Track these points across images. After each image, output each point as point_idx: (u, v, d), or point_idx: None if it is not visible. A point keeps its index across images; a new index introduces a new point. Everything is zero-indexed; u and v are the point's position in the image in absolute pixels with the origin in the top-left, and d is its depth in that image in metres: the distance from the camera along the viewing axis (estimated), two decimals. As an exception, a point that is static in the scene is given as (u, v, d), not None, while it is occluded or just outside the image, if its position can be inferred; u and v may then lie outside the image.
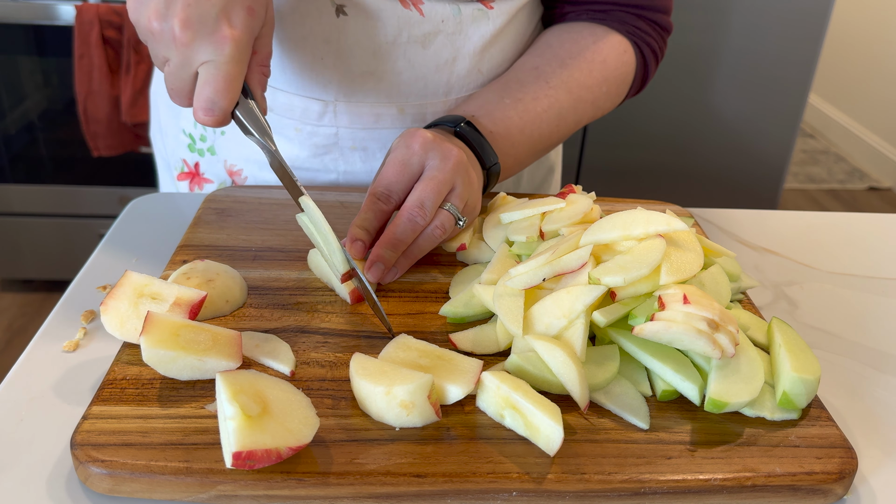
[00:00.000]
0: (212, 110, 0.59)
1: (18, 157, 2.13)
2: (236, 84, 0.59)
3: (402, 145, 0.66)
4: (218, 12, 0.58)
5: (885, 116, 3.42)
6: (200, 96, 0.59)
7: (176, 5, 0.57)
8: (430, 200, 0.64)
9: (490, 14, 0.77)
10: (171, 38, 0.58)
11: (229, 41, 0.58)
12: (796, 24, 1.93)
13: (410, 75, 0.77)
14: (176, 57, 0.59)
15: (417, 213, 0.64)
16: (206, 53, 0.58)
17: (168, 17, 0.57)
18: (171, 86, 0.61)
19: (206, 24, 0.57)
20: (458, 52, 0.78)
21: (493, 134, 0.73)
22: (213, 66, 0.58)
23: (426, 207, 0.64)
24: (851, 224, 0.87)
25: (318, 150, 0.82)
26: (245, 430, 0.44)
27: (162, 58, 0.60)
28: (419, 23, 0.75)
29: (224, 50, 0.58)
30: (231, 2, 0.59)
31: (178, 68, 0.59)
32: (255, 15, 0.60)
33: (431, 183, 0.64)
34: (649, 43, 0.84)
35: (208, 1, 0.58)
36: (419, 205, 0.64)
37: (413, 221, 0.64)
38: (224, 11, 0.58)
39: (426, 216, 0.64)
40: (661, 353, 0.54)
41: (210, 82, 0.58)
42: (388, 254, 0.63)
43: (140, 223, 0.77)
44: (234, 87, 0.59)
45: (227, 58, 0.58)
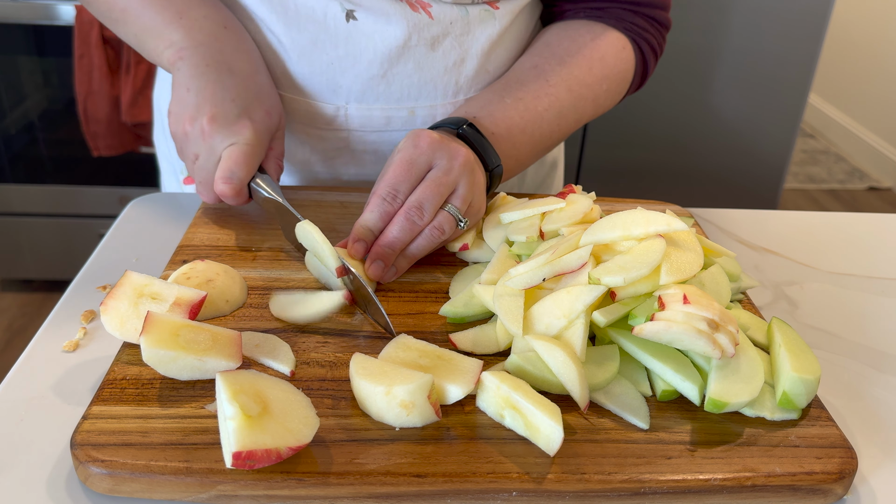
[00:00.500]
0: (230, 179, 0.66)
1: (18, 157, 2.13)
2: (254, 160, 0.67)
3: (409, 145, 0.66)
4: (240, 111, 0.69)
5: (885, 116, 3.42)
6: (221, 169, 0.66)
7: (204, 108, 0.68)
8: (430, 202, 0.64)
9: (496, 14, 0.77)
10: (199, 134, 0.68)
11: (249, 129, 0.68)
12: (796, 24, 1.93)
13: (420, 78, 0.78)
14: (204, 149, 0.68)
15: (416, 213, 0.64)
16: (229, 139, 0.67)
17: (198, 117, 0.68)
18: (199, 179, 0.69)
19: (229, 118, 0.68)
20: (466, 53, 0.78)
21: (495, 135, 0.73)
22: (234, 146, 0.67)
23: (425, 208, 0.64)
24: (851, 224, 0.87)
25: (330, 154, 0.82)
26: (245, 430, 0.44)
27: (192, 155, 0.69)
28: (428, 25, 0.75)
29: (244, 134, 0.67)
30: (251, 104, 0.70)
31: (205, 159, 0.68)
32: (272, 116, 0.72)
33: (433, 184, 0.65)
34: (648, 39, 0.84)
35: (231, 102, 0.69)
36: (418, 206, 0.64)
37: (411, 221, 0.64)
38: (245, 110, 0.69)
39: (424, 217, 0.64)
40: (661, 353, 0.54)
41: (229, 157, 0.67)
42: (385, 252, 0.63)
43: (140, 223, 0.77)
44: (252, 161, 0.67)
45: (246, 139, 0.67)
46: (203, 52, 0.71)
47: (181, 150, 0.70)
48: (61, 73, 2.04)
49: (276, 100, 0.74)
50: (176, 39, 0.72)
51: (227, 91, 0.69)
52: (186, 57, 0.71)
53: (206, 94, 0.68)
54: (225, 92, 0.69)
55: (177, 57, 0.71)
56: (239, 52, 0.73)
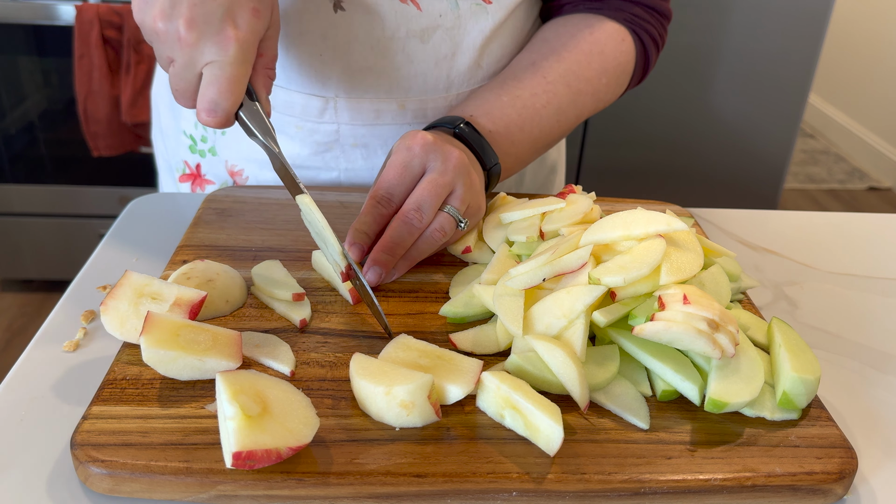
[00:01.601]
0: (214, 111, 0.59)
1: (18, 157, 2.13)
2: (240, 85, 0.59)
3: (402, 148, 0.66)
4: (223, 13, 0.58)
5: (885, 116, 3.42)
6: (204, 97, 0.59)
7: (181, 5, 0.58)
8: (428, 203, 0.64)
9: (489, 9, 0.77)
10: (175, 39, 0.58)
11: (233, 42, 0.58)
12: (796, 24, 1.93)
13: (410, 70, 0.77)
14: (181, 57, 0.59)
15: (414, 216, 0.63)
16: (211, 54, 0.58)
17: (173, 17, 0.58)
18: (176, 86, 0.61)
19: (210, 24, 0.58)
20: (457, 47, 0.77)
21: (493, 133, 0.73)
22: (216, 66, 0.58)
23: (423, 210, 0.64)
24: (851, 224, 0.87)
25: (320, 148, 0.82)
26: (245, 430, 0.44)
27: (167, 58, 0.61)
28: (417, 17, 0.74)
29: (228, 51, 0.58)
30: (236, 3, 0.59)
31: (183, 69, 0.59)
32: (261, 17, 0.61)
33: (430, 186, 0.64)
34: (648, 30, 0.83)
35: (214, 1, 0.58)
36: (416, 208, 0.64)
37: (409, 224, 0.63)
38: (229, 12, 0.59)
39: (423, 219, 0.64)
40: (661, 353, 0.54)
41: (213, 83, 0.58)
42: (384, 257, 0.63)
43: (140, 223, 0.77)
44: (238, 89, 0.59)
45: (231, 59, 0.58)
46: None
47: (152, 46, 0.62)
48: (61, 73, 2.04)
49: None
50: None
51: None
52: None
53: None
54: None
55: None
56: None
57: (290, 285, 0.61)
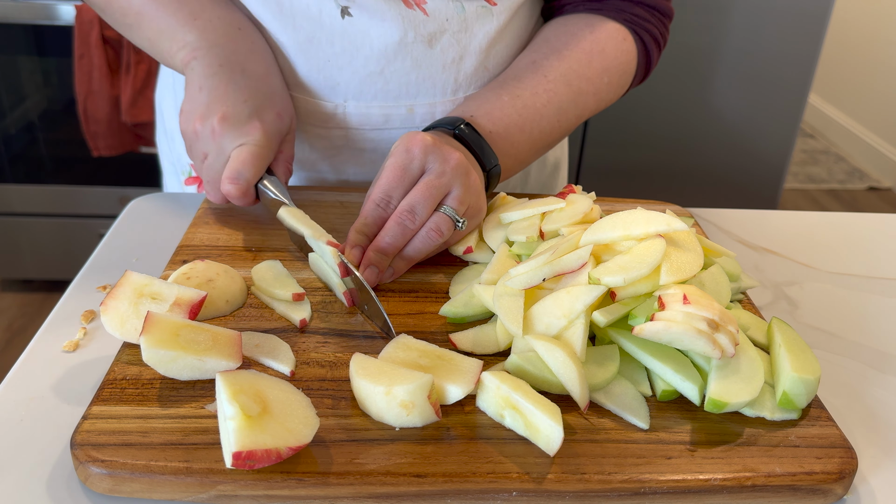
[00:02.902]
0: (237, 179, 0.66)
1: (18, 157, 2.13)
2: (262, 161, 0.67)
3: (401, 150, 0.65)
4: (251, 112, 0.69)
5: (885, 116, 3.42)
6: (228, 169, 0.66)
7: (216, 108, 0.68)
8: (422, 205, 0.64)
9: (494, 10, 0.77)
10: (210, 133, 0.68)
11: (259, 130, 0.68)
12: (796, 24, 1.93)
13: (418, 75, 0.77)
14: (213, 148, 0.68)
15: (407, 217, 0.63)
16: (239, 140, 0.67)
17: (208, 116, 0.68)
18: (208, 178, 0.69)
19: (240, 119, 0.68)
20: (464, 51, 0.78)
21: (493, 134, 0.73)
22: (243, 147, 0.67)
23: (416, 212, 0.64)
24: (851, 224, 0.87)
25: (329, 153, 0.82)
26: (245, 430, 0.44)
27: (201, 154, 0.69)
28: (424, 22, 0.75)
29: (255, 135, 0.67)
30: (262, 106, 0.70)
31: (214, 158, 0.68)
32: (283, 119, 0.72)
33: (424, 187, 0.64)
34: (649, 29, 0.82)
35: (243, 103, 0.69)
36: (409, 209, 0.64)
37: (402, 226, 0.63)
38: (256, 111, 0.69)
39: (416, 221, 0.64)
40: (661, 353, 0.54)
41: (238, 158, 0.66)
42: (377, 257, 0.63)
43: (140, 223, 0.77)
44: (260, 164, 0.67)
45: (255, 140, 0.67)
46: (217, 52, 0.71)
47: (190, 149, 0.70)
48: (61, 73, 2.04)
49: (288, 103, 0.74)
50: (190, 40, 0.72)
51: (239, 91, 0.69)
52: (200, 57, 0.71)
53: (219, 94, 0.69)
54: (237, 92, 0.69)
55: (191, 57, 0.72)
56: (253, 54, 0.73)
57: (290, 285, 0.61)
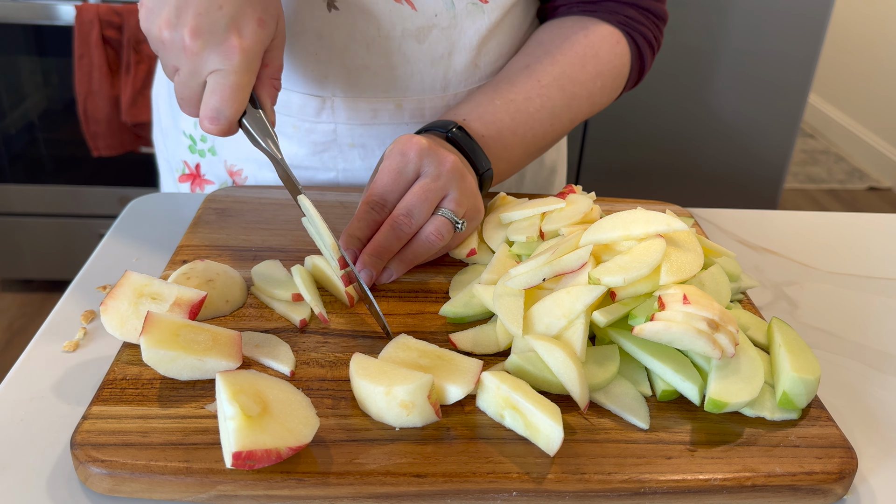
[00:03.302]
0: (217, 119, 0.59)
1: (18, 157, 2.13)
2: (243, 93, 0.60)
3: (397, 152, 0.65)
4: (227, 22, 0.59)
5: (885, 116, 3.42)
6: (207, 105, 0.59)
7: (186, 15, 0.58)
8: (418, 208, 0.63)
9: (485, 8, 0.77)
10: (180, 48, 0.59)
11: (237, 51, 0.59)
12: (796, 24, 1.93)
13: (406, 70, 0.77)
14: (185, 66, 0.59)
15: (403, 220, 0.63)
16: (214, 63, 0.59)
17: (178, 26, 0.58)
18: (181, 95, 0.62)
19: (215, 33, 0.58)
20: (453, 47, 0.77)
21: (485, 138, 0.72)
22: (220, 75, 0.59)
23: (413, 215, 0.63)
24: (851, 224, 0.87)
25: (317, 148, 0.82)
26: (245, 430, 0.44)
27: (172, 67, 0.61)
28: (412, 17, 0.74)
29: (232, 60, 0.59)
30: (241, 13, 0.60)
31: (188, 77, 0.60)
32: (266, 27, 0.61)
33: (421, 191, 0.64)
34: (643, 32, 0.82)
35: (219, 11, 0.59)
36: (405, 213, 0.63)
37: (398, 229, 0.63)
38: (234, 22, 0.59)
39: (412, 224, 0.63)
40: (661, 353, 0.54)
41: (216, 91, 0.59)
42: (372, 260, 0.62)
43: (140, 223, 0.77)
44: (241, 97, 0.60)
45: (234, 67, 0.59)
46: None
47: (157, 54, 0.63)
48: (61, 73, 2.04)
49: (271, 1, 0.63)
50: None
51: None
52: None
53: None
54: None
55: None
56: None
57: (290, 285, 0.61)
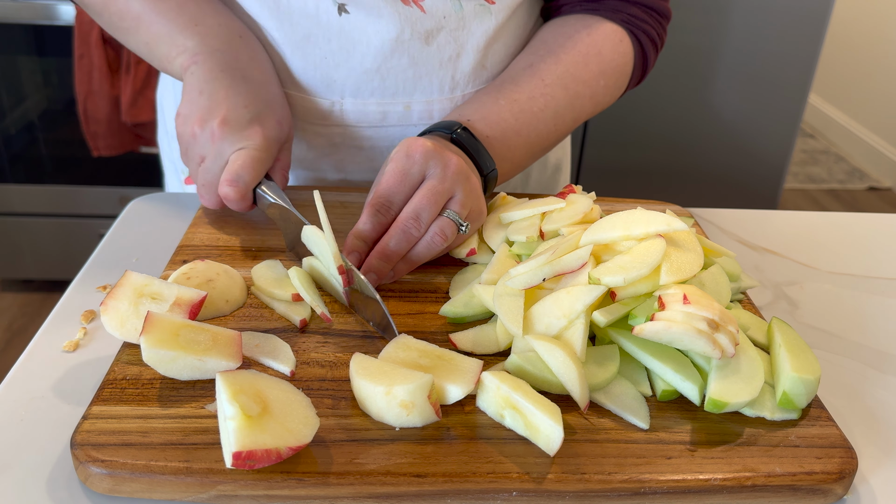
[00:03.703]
0: (236, 182, 0.66)
1: (18, 157, 2.13)
2: (261, 166, 0.67)
3: (402, 155, 0.65)
4: (251, 117, 0.69)
5: (885, 116, 3.42)
6: (227, 171, 0.66)
7: (216, 112, 0.68)
8: (427, 211, 0.63)
9: (492, 9, 0.77)
10: (209, 137, 0.68)
11: (259, 135, 0.68)
12: (796, 24, 1.93)
13: (415, 72, 0.77)
14: (211, 151, 0.68)
15: (412, 224, 0.63)
16: (239, 143, 0.67)
17: (208, 120, 0.68)
18: (202, 181, 0.69)
19: (240, 123, 0.68)
20: (461, 48, 0.77)
21: (490, 138, 0.72)
22: (242, 151, 0.67)
23: (421, 219, 0.63)
24: (851, 224, 0.87)
25: (326, 150, 0.82)
26: (245, 430, 0.44)
27: (198, 157, 0.69)
28: (421, 19, 0.75)
29: (254, 140, 0.67)
30: (263, 112, 0.70)
31: (212, 162, 0.68)
32: (283, 127, 0.72)
33: (428, 193, 0.64)
34: (646, 31, 0.82)
35: (244, 108, 0.69)
36: (414, 216, 0.63)
37: (407, 233, 0.63)
38: (257, 117, 0.69)
39: (421, 228, 0.63)
40: (661, 353, 0.54)
41: (237, 161, 0.66)
42: (379, 264, 0.63)
43: (140, 223, 0.77)
44: (260, 168, 0.67)
45: (255, 145, 0.67)
46: (218, 57, 0.72)
47: (185, 152, 0.70)
48: (61, 73, 2.04)
49: (287, 111, 0.74)
50: (190, 46, 0.72)
51: (240, 97, 0.69)
52: (201, 62, 0.71)
53: (219, 98, 0.69)
54: (238, 97, 0.69)
55: (191, 62, 0.72)
56: (253, 62, 0.74)
57: (290, 285, 0.61)
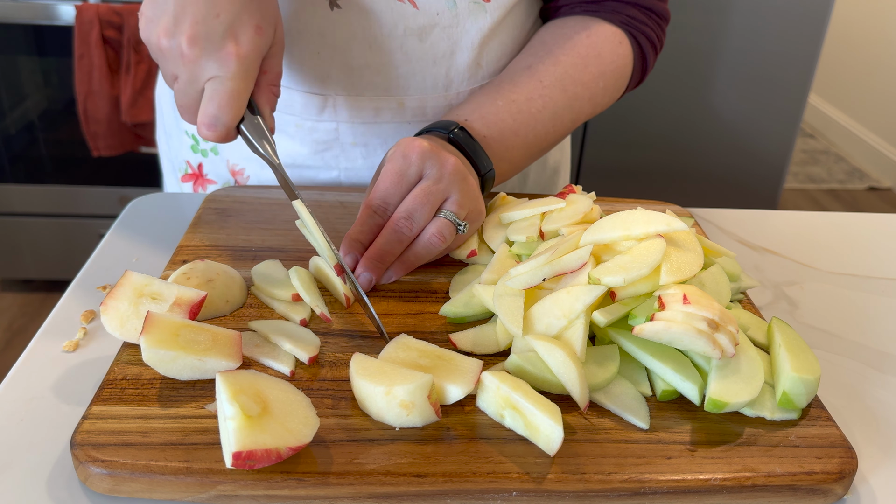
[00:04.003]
0: (214, 125, 0.60)
1: (18, 157, 2.13)
2: (240, 100, 0.60)
3: (398, 155, 0.65)
4: (225, 30, 0.59)
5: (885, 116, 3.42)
6: (204, 112, 0.60)
7: (184, 23, 0.59)
8: (419, 211, 0.63)
9: (487, 7, 0.77)
10: (178, 55, 0.59)
11: (234, 58, 0.59)
12: (796, 24, 1.93)
13: (408, 68, 0.77)
14: (183, 74, 0.60)
15: (404, 224, 0.63)
16: (212, 70, 0.59)
17: (176, 34, 0.59)
18: (180, 102, 0.62)
19: (212, 41, 0.59)
20: (455, 46, 0.77)
21: (487, 138, 0.72)
22: (217, 81, 0.59)
23: (414, 218, 0.63)
24: (851, 224, 0.87)
25: (319, 147, 0.82)
26: (245, 430, 0.44)
27: (171, 75, 0.61)
28: (413, 15, 0.74)
29: (229, 66, 0.59)
30: (238, 20, 0.60)
31: (186, 85, 0.60)
32: (263, 34, 0.61)
33: (422, 193, 0.63)
34: (645, 32, 0.82)
35: (216, 18, 0.59)
36: (406, 216, 0.63)
37: (399, 232, 0.63)
38: (231, 29, 0.59)
39: (413, 227, 0.63)
40: (661, 353, 0.54)
41: (213, 98, 0.59)
42: (373, 264, 0.62)
43: (140, 223, 0.77)
44: (238, 103, 0.60)
45: (231, 74, 0.59)
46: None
47: (157, 61, 0.63)
48: (61, 73, 2.04)
49: (269, 8, 0.63)
50: None
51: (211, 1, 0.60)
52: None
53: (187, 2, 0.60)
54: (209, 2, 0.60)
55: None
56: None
57: (289, 285, 0.61)
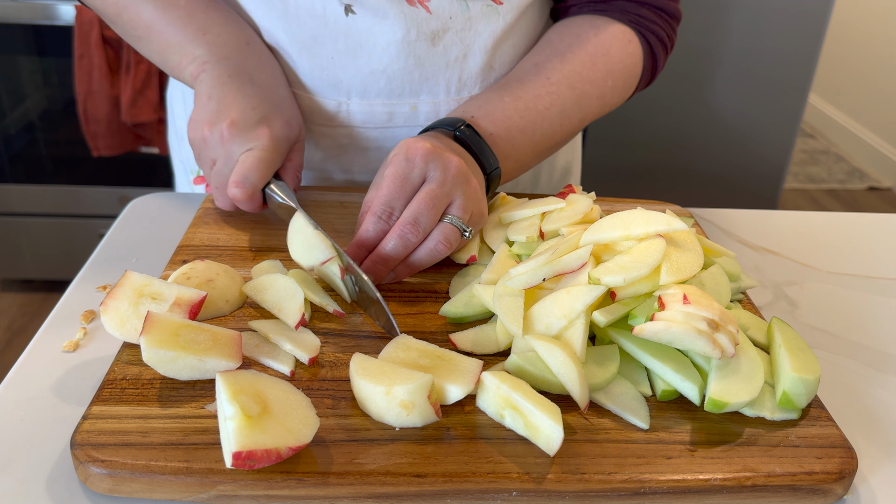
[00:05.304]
0: (243, 183, 0.66)
1: (18, 157, 2.13)
2: (268, 166, 0.68)
3: (400, 158, 0.64)
4: (259, 118, 0.69)
5: (885, 116, 3.42)
6: (235, 173, 0.67)
7: (225, 115, 0.69)
8: (425, 216, 0.62)
9: (500, 10, 0.77)
10: (219, 139, 0.68)
11: (267, 135, 0.68)
12: (796, 24, 1.93)
13: (421, 73, 0.77)
14: (221, 155, 0.68)
15: (409, 230, 0.62)
16: (247, 144, 0.68)
17: (217, 122, 0.69)
18: (215, 184, 0.69)
19: (248, 125, 0.69)
20: (468, 49, 0.77)
21: (493, 136, 0.72)
22: (250, 152, 0.67)
23: (420, 224, 0.62)
24: (851, 224, 0.87)
25: (333, 151, 0.82)
26: (245, 430, 0.44)
27: (210, 161, 0.70)
28: (427, 20, 0.74)
29: (262, 140, 0.68)
30: (271, 113, 0.71)
31: (222, 164, 0.68)
32: (291, 126, 0.72)
33: (427, 198, 0.63)
34: (655, 31, 0.81)
35: (252, 111, 0.69)
36: (413, 221, 0.62)
37: (404, 238, 0.62)
38: (265, 119, 0.70)
39: (419, 233, 0.62)
40: (661, 353, 0.54)
41: (244, 162, 0.67)
42: (377, 268, 0.62)
43: (140, 223, 0.77)
44: (267, 168, 0.67)
45: (263, 145, 0.68)
46: (226, 64, 0.72)
47: (198, 157, 0.71)
48: (61, 73, 2.04)
49: (296, 112, 0.74)
50: (199, 54, 0.73)
51: (248, 99, 0.70)
52: (209, 69, 0.72)
53: (228, 102, 0.70)
54: (246, 100, 0.70)
55: (200, 70, 0.72)
56: (261, 66, 0.74)
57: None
